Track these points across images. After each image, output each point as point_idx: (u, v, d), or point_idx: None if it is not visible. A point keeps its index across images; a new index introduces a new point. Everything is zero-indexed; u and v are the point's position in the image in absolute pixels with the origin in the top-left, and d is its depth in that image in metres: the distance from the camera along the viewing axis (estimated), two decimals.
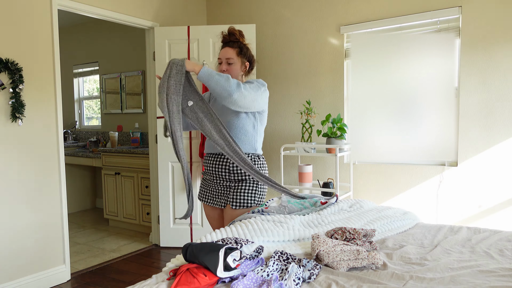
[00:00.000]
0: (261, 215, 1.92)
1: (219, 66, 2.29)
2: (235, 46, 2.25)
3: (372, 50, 3.49)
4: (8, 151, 2.83)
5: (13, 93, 2.81)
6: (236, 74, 2.24)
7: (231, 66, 2.23)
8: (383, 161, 3.52)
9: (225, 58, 2.23)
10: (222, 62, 2.25)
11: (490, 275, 1.40)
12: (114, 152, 4.55)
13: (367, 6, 3.48)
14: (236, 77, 2.23)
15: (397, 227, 2.02)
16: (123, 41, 5.26)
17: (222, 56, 2.25)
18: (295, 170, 3.91)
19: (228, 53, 2.23)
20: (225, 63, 2.23)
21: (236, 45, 2.25)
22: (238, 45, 2.26)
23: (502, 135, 2.99)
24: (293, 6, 3.88)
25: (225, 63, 2.23)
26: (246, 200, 2.14)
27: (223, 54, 2.25)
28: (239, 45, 2.26)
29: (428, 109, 3.27)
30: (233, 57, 2.22)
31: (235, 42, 2.25)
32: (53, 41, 3.06)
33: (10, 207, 2.85)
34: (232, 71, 2.23)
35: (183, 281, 1.31)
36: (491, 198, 3.05)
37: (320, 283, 1.35)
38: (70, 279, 3.21)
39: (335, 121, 3.30)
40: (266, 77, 4.07)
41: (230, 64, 2.22)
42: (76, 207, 5.54)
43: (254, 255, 1.49)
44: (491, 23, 2.98)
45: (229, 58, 2.22)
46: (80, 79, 5.97)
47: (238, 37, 2.25)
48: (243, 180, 2.17)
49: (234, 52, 2.24)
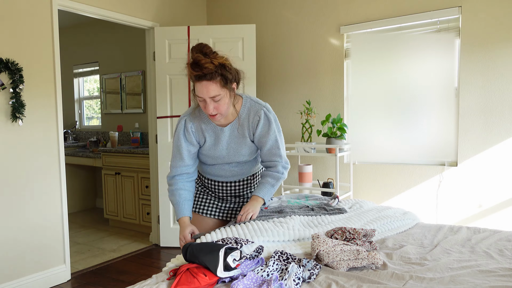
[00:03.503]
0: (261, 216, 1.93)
1: (199, 103, 1.76)
2: (216, 77, 1.68)
3: (372, 50, 3.49)
4: (8, 151, 2.84)
5: (13, 93, 2.81)
6: (227, 108, 1.78)
7: (220, 103, 1.74)
8: (383, 161, 3.52)
9: (208, 97, 1.70)
10: (204, 100, 1.72)
11: (490, 275, 1.40)
12: (114, 152, 4.55)
13: (367, 6, 3.48)
14: (227, 111, 1.79)
15: (397, 227, 2.02)
16: (123, 41, 5.26)
17: (204, 95, 1.70)
18: (295, 170, 3.92)
19: (210, 89, 1.68)
20: (211, 102, 1.72)
21: (217, 74, 1.68)
22: (218, 73, 1.68)
23: (502, 135, 2.99)
24: (293, 6, 3.88)
25: (211, 102, 1.72)
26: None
27: (203, 93, 1.69)
28: (220, 73, 1.69)
29: (428, 109, 3.27)
30: (218, 92, 1.70)
31: (212, 73, 1.67)
32: (53, 41, 3.06)
33: (10, 207, 2.86)
34: (221, 108, 1.75)
35: (183, 281, 1.32)
36: (491, 198, 3.05)
37: (320, 283, 1.35)
38: (70, 279, 3.21)
39: (335, 121, 3.30)
40: (266, 77, 4.07)
41: (217, 101, 1.73)
42: (76, 207, 5.54)
43: (254, 255, 1.49)
44: (491, 23, 2.98)
45: (214, 96, 1.70)
46: (80, 79, 5.97)
47: (212, 66, 1.66)
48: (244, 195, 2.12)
49: (217, 86, 1.69)
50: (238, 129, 1.89)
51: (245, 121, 1.89)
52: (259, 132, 1.88)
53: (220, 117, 1.80)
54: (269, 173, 1.95)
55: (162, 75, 3.80)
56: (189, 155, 1.92)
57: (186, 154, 1.91)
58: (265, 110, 1.88)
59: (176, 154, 1.92)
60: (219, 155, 1.93)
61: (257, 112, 1.87)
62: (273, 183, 1.93)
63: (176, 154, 1.92)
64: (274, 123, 1.89)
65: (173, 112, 3.83)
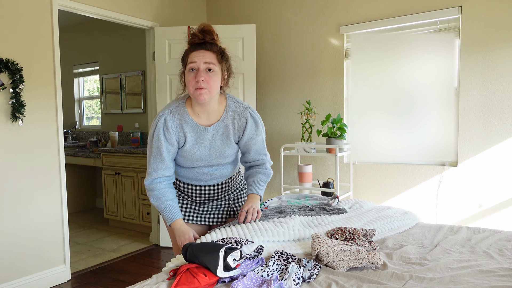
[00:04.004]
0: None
1: (188, 76, 1.67)
2: (215, 49, 1.67)
3: (372, 50, 3.50)
4: (9, 151, 2.84)
5: (13, 93, 2.81)
6: (216, 88, 1.69)
7: (212, 75, 1.65)
8: (383, 161, 3.52)
9: (203, 62, 1.63)
10: (197, 68, 1.64)
11: (490, 275, 1.40)
12: (114, 152, 4.55)
13: (367, 6, 3.48)
14: (214, 92, 1.70)
15: (397, 227, 2.02)
16: (123, 41, 5.26)
17: (199, 59, 1.64)
18: (295, 170, 3.91)
19: (207, 56, 1.64)
20: (204, 70, 1.64)
21: (216, 48, 1.68)
22: (217, 48, 1.69)
23: (502, 135, 2.99)
24: (293, 6, 3.88)
25: (204, 70, 1.64)
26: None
27: (199, 57, 1.64)
28: (219, 49, 1.69)
29: (428, 109, 3.27)
30: (214, 62, 1.66)
31: (212, 44, 1.68)
32: (53, 41, 3.06)
33: (10, 207, 2.86)
34: (212, 83, 1.66)
35: (183, 281, 1.32)
36: (491, 198, 3.05)
37: (320, 283, 1.35)
38: (70, 279, 3.21)
39: (335, 121, 3.30)
40: (266, 77, 4.07)
41: (210, 71, 1.65)
42: (76, 207, 5.54)
43: (254, 255, 1.49)
44: (491, 23, 2.98)
45: (209, 63, 1.64)
46: (80, 79, 5.97)
47: (215, 36, 1.69)
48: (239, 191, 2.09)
49: (214, 57, 1.66)
50: (222, 129, 1.79)
51: (230, 122, 1.79)
52: (247, 135, 1.80)
53: (207, 94, 1.66)
54: (259, 170, 1.92)
55: (162, 75, 3.80)
56: (169, 156, 1.77)
57: (167, 155, 1.75)
58: (251, 112, 1.80)
59: (156, 155, 1.75)
60: (200, 156, 1.79)
61: (243, 113, 1.79)
62: (265, 179, 1.92)
63: (157, 155, 1.75)
64: (260, 123, 1.84)
65: None
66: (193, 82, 1.65)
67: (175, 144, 1.77)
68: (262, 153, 1.91)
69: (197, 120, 1.77)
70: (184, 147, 1.78)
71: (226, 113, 1.78)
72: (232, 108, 1.80)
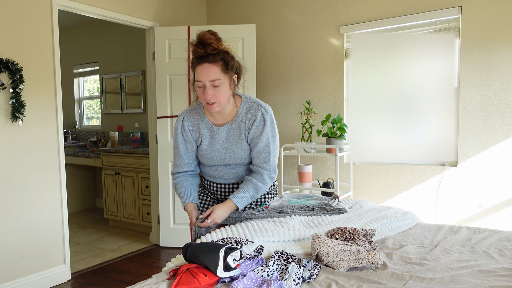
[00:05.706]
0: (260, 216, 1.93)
1: (198, 90, 1.73)
2: (218, 60, 1.68)
3: (372, 50, 3.49)
4: (9, 151, 2.84)
5: (13, 93, 2.81)
6: (226, 98, 1.74)
7: (219, 90, 1.69)
8: (383, 161, 3.52)
9: (208, 80, 1.67)
10: (203, 85, 1.69)
11: (490, 275, 1.40)
12: (114, 152, 4.55)
13: (367, 6, 3.48)
14: (226, 101, 1.75)
15: (397, 227, 2.02)
16: (123, 41, 5.26)
17: (203, 78, 1.67)
18: (295, 170, 3.92)
19: (211, 72, 1.66)
20: (210, 87, 1.68)
21: (219, 57, 1.68)
22: (220, 57, 1.68)
23: (502, 135, 2.99)
24: (293, 6, 3.88)
25: (210, 87, 1.68)
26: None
27: (204, 75, 1.67)
28: (222, 57, 1.69)
29: (428, 109, 3.27)
30: (219, 76, 1.68)
31: (215, 54, 1.68)
32: (53, 41, 3.06)
33: (10, 207, 2.85)
34: (220, 96, 1.71)
35: (183, 281, 1.32)
36: (491, 198, 3.05)
37: (320, 283, 1.35)
38: (70, 279, 3.21)
39: (335, 121, 3.30)
40: (266, 77, 4.07)
41: (216, 87, 1.69)
42: (76, 207, 5.54)
43: (254, 255, 1.49)
44: (491, 23, 2.98)
45: (214, 80, 1.67)
46: (80, 79, 5.97)
47: (216, 45, 1.67)
48: None
49: (218, 70, 1.68)
50: (234, 130, 1.83)
51: (242, 122, 1.82)
52: (252, 132, 1.81)
53: (218, 107, 1.74)
54: (253, 180, 1.83)
55: (162, 75, 3.80)
56: (187, 153, 1.92)
57: (184, 152, 1.91)
58: (263, 111, 1.80)
59: (175, 153, 1.94)
60: (215, 156, 1.86)
61: (255, 112, 1.81)
62: (253, 194, 1.83)
63: (176, 152, 1.93)
64: (270, 126, 1.81)
65: (173, 112, 3.83)
66: (203, 97, 1.73)
67: (193, 142, 1.90)
68: (265, 160, 1.83)
69: (212, 120, 1.87)
70: (201, 145, 1.90)
71: (240, 113, 1.84)
72: (246, 108, 1.85)
